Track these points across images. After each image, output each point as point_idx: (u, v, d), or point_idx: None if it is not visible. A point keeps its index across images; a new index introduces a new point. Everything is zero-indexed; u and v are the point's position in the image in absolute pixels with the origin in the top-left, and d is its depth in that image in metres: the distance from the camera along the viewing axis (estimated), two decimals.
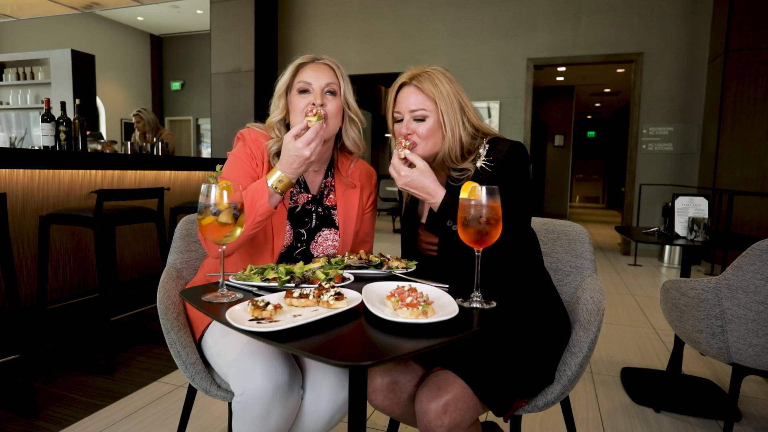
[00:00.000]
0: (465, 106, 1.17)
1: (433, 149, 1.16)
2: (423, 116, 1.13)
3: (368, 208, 1.37)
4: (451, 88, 1.14)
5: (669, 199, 3.55)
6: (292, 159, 1.10)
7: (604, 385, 2.17)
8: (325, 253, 1.27)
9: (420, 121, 1.13)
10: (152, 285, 3.30)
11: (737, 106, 4.60)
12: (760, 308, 1.35)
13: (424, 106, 1.13)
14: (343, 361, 0.67)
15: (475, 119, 1.19)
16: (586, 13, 5.61)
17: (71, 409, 1.83)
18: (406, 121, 1.14)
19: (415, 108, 1.13)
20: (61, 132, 2.85)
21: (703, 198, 2.09)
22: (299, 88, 1.20)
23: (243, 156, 1.23)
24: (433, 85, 1.13)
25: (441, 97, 1.12)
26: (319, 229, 1.28)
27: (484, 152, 1.15)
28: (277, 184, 1.12)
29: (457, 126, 1.14)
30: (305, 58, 1.23)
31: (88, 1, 7.49)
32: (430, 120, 1.13)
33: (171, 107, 10.43)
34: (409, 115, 1.14)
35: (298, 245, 1.26)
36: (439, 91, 1.12)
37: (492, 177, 1.12)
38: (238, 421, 1.03)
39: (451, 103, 1.13)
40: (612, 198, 13.91)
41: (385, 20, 6.42)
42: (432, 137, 1.14)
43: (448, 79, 1.15)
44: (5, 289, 1.76)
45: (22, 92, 6.17)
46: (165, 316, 1.15)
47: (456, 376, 0.99)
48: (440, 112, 1.13)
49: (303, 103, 1.19)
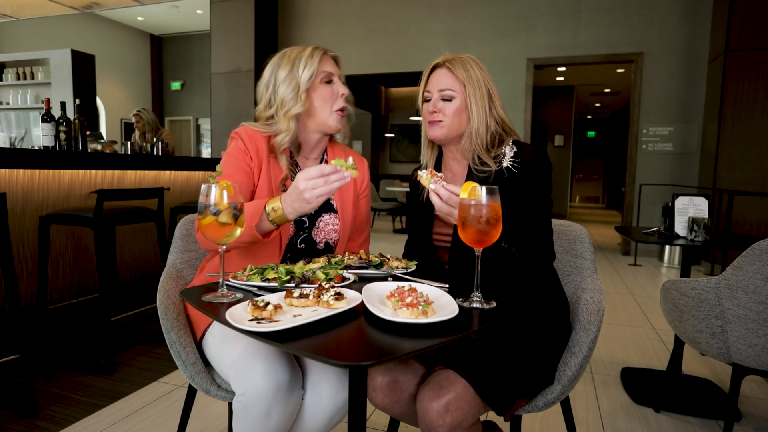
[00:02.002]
0: (493, 95, 1.21)
1: (458, 130, 1.20)
2: (450, 96, 1.17)
3: (363, 192, 1.38)
4: (482, 75, 1.19)
5: (669, 199, 3.55)
6: (294, 197, 1.01)
7: (604, 385, 2.17)
8: (326, 238, 1.28)
9: (447, 101, 1.18)
10: (152, 285, 3.30)
11: (737, 106, 4.60)
12: (760, 308, 1.35)
13: (453, 87, 1.17)
14: (343, 361, 0.67)
15: (501, 110, 1.22)
16: (586, 13, 5.61)
17: (71, 409, 1.83)
18: (434, 99, 1.19)
19: (444, 88, 1.18)
20: (61, 132, 2.85)
21: (703, 198, 2.09)
22: (324, 78, 1.22)
23: (237, 152, 1.22)
24: (464, 69, 1.17)
25: (470, 81, 1.17)
26: (319, 215, 1.28)
27: (511, 153, 1.18)
28: (271, 212, 1.05)
29: (484, 111, 1.18)
30: (321, 48, 1.24)
31: (88, 1, 7.50)
32: (456, 101, 1.17)
33: (171, 107, 10.43)
34: (438, 94, 1.18)
35: (301, 233, 1.26)
36: (469, 75, 1.17)
37: (518, 178, 1.15)
38: (238, 421, 1.03)
39: (479, 89, 1.17)
40: (612, 198, 13.91)
41: (385, 20, 6.42)
42: (457, 118, 1.18)
43: (480, 67, 1.20)
44: (5, 289, 1.76)
45: (22, 92, 6.16)
46: (165, 316, 1.15)
47: (458, 376, 0.99)
48: (467, 95, 1.17)
49: (330, 93, 1.22)
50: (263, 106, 1.27)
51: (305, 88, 1.20)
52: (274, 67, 1.26)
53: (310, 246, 1.26)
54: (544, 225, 1.15)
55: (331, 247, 1.31)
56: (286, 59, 1.24)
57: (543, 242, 1.15)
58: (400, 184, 8.93)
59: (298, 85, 1.20)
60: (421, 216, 1.30)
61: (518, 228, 1.11)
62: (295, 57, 1.22)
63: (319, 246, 1.28)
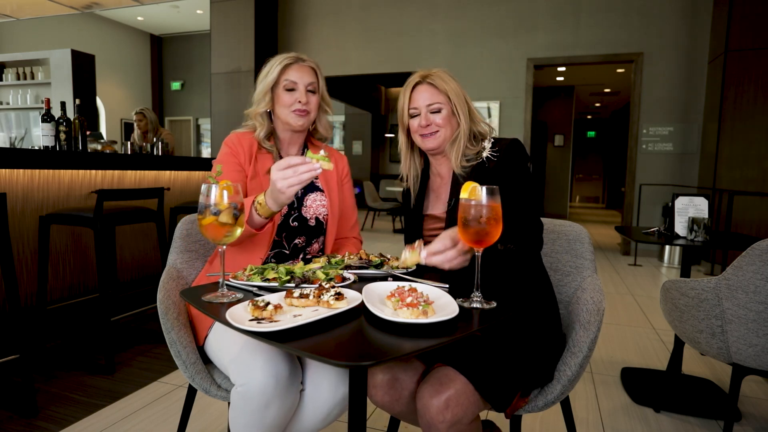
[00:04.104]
0: (468, 101, 1.33)
1: (450, 136, 1.30)
2: (438, 108, 1.28)
3: (345, 176, 1.51)
4: (456, 85, 1.30)
5: (669, 199, 3.55)
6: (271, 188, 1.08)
7: (604, 385, 2.17)
8: (316, 214, 1.37)
9: (436, 113, 1.28)
10: (152, 285, 3.30)
11: (737, 106, 4.60)
12: (760, 308, 1.35)
13: (439, 100, 1.28)
14: (343, 361, 0.67)
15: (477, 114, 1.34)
16: (586, 13, 5.61)
17: (71, 409, 1.83)
18: (424, 114, 1.28)
19: (431, 102, 1.28)
20: (61, 132, 2.85)
21: (703, 198, 2.09)
22: (286, 86, 1.34)
23: (226, 157, 1.34)
24: (444, 82, 1.28)
25: (452, 91, 1.28)
26: (306, 194, 1.39)
27: (489, 145, 1.28)
28: (258, 206, 1.13)
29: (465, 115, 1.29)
30: (290, 59, 1.35)
31: (88, 1, 7.50)
32: (444, 111, 1.28)
33: (171, 107, 10.43)
34: (426, 108, 1.28)
35: (292, 212, 1.35)
36: (449, 86, 1.28)
37: (498, 166, 1.24)
38: (235, 412, 1.03)
39: (459, 96, 1.29)
40: (612, 198, 13.91)
41: (385, 20, 6.42)
42: (448, 125, 1.29)
43: (453, 78, 1.32)
44: (5, 289, 1.76)
45: (22, 92, 6.16)
46: (165, 316, 1.15)
47: (457, 373, 1.00)
48: (453, 104, 1.28)
49: (290, 99, 1.34)
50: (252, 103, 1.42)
51: (266, 91, 1.35)
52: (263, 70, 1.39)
53: (302, 223, 1.36)
54: (529, 210, 1.19)
55: (322, 224, 1.39)
56: (267, 64, 1.37)
57: (529, 227, 1.18)
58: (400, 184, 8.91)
59: (264, 88, 1.35)
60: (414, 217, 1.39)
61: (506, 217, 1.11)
62: (271, 62, 1.36)
63: (310, 222, 1.37)
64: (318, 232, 1.39)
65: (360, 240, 1.53)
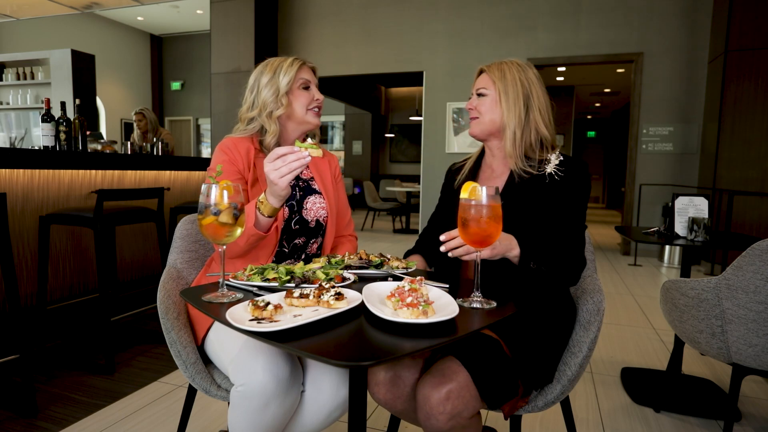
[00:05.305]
0: (532, 94, 1.25)
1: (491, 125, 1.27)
2: (483, 93, 1.28)
3: (338, 176, 1.53)
4: (519, 75, 1.25)
5: (669, 199, 3.55)
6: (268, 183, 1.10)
7: (604, 385, 2.17)
8: (316, 216, 1.37)
9: (481, 96, 1.28)
10: (152, 285, 3.30)
11: (737, 106, 4.60)
12: (760, 308, 1.35)
13: (485, 85, 1.28)
14: (343, 361, 0.67)
15: (538, 114, 1.25)
16: (586, 13, 5.60)
17: (71, 409, 1.83)
18: (473, 98, 1.31)
19: (479, 87, 1.30)
20: (61, 132, 2.85)
21: (703, 198, 2.09)
22: (302, 84, 1.35)
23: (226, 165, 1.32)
24: (498, 70, 1.27)
25: (503, 79, 1.25)
26: (305, 197, 1.39)
27: (557, 161, 1.23)
28: (260, 206, 1.14)
29: (516, 107, 1.23)
30: (300, 59, 1.38)
31: (88, 1, 7.49)
32: (488, 96, 1.27)
33: (171, 107, 10.43)
34: (475, 92, 1.31)
35: (294, 216, 1.35)
36: (502, 74, 1.26)
37: (559, 185, 1.20)
38: (234, 411, 1.03)
39: (513, 85, 1.24)
40: (612, 198, 13.91)
41: (385, 20, 6.42)
42: (489, 112, 1.27)
43: (520, 68, 1.27)
44: (5, 289, 1.76)
45: (22, 92, 6.16)
46: (165, 316, 1.15)
47: (460, 366, 1.00)
48: (498, 91, 1.25)
49: (308, 97, 1.36)
50: (246, 108, 1.39)
51: (284, 92, 1.33)
52: (258, 74, 1.37)
53: (303, 225, 1.37)
54: (576, 244, 1.17)
55: (321, 225, 1.40)
56: (269, 67, 1.35)
57: (570, 260, 1.15)
58: (400, 184, 8.93)
59: (278, 90, 1.33)
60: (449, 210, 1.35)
61: (550, 240, 1.14)
62: (276, 65, 1.35)
63: (310, 224, 1.38)
64: (317, 232, 1.40)
65: (355, 237, 1.54)
